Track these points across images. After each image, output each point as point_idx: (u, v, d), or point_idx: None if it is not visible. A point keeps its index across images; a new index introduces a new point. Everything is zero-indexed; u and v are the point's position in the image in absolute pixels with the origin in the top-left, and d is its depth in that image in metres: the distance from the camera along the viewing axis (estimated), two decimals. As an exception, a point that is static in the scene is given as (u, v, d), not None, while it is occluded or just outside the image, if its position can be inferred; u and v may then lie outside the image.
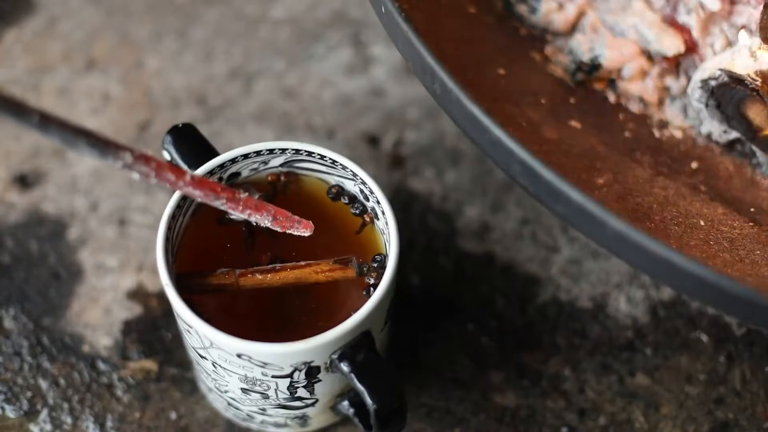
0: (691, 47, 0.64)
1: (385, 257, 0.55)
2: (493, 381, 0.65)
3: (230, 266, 0.54)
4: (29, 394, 0.63)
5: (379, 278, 0.54)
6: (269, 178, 0.57)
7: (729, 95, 0.61)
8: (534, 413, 0.64)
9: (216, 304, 0.54)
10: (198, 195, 0.49)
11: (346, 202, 0.57)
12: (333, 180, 0.58)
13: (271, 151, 0.57)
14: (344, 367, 0.52)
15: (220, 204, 0.50)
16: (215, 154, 0.57)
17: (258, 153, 0.57)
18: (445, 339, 0.66)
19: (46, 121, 0.41)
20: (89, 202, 0.70)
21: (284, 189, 0.58)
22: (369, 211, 0.57)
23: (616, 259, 0.69)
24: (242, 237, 0.56)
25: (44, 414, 0.63)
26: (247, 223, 0.55)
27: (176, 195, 0.54)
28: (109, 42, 0.78)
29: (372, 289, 0.54)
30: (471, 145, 0.73)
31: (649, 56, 0.64)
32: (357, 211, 0.57)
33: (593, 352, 0.66)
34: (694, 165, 0.62)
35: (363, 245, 0.56)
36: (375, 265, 0.55)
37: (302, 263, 0.54)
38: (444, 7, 0.62)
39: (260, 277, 0.54)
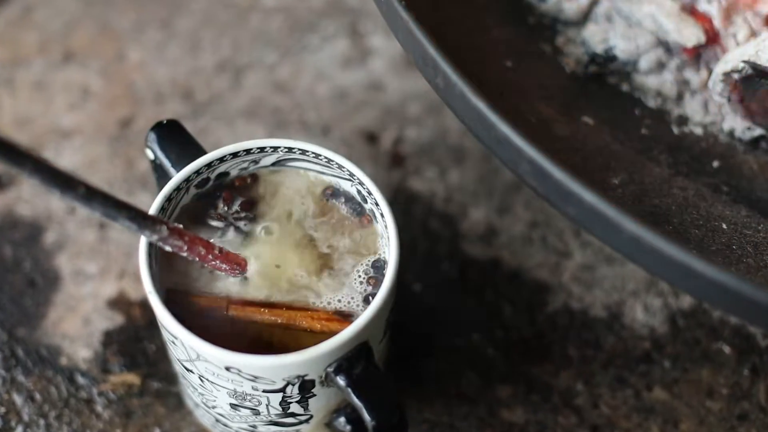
0: (713, 38, 0.64)
1: (384, 263, 0.55)
2: (500, 395, 0.65)
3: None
4: (3, 409, 0.63)
5: (377, 285, 0.54)
6: (236, 183, 0.57)
7: (753, 89, 0.61)
8: (544, 430, 0.64)
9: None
10: (225, 268, 0.54)
11: (342, 203, 0.57)
12: (329, 180, 0.58)
13: (261, 149, 0.57)
14: (341, 380, 0.52)
15: (243, 276, 0.55)
16: (202, 152, 0.57)
17: (248, 151, 0.56)
18: (448, 350, 0.66)
19: (91, 195, 0.45)
20: (67, 204, 0.70)
21: (276, 189, 0.58)
22: (367, 213, 0.57)
23: (631, 265, 0.68)
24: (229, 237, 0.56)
25: (19, 431, 0.63)
26: (233, 223, 0.56)
27: (160, 197, 0.54)
28: (88, 32, 0.78)
29: (370, 297, 0.54)
30: (476, 143, 0.73)
31: (667, 47, 0.64)
32: (354, 214, 0.57)
33: (607, 364, 0.66)
34: (715, 164, 0.62)
35: (360, 250, 0.56)
36: (373, 270, 0.55)
37: (299, 306, 0.54)
38: (447, -6, 0.62)
39: (251, 309, 0.54)
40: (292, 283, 0.54)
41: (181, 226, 0.52)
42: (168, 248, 0.51)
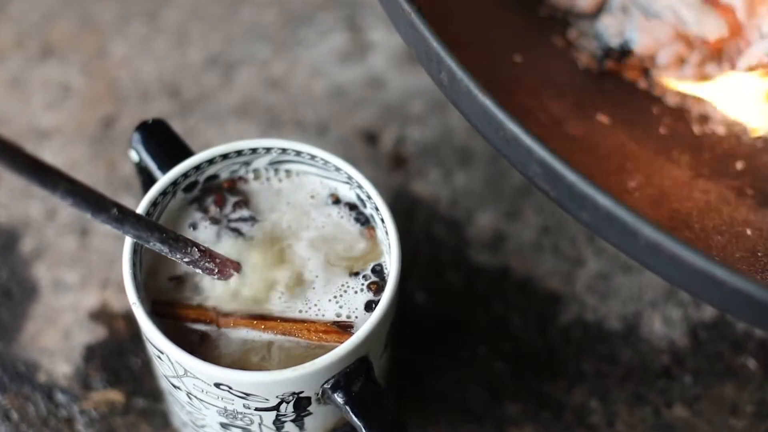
0: (736, 30, 0.64)
1: (384, 269, 0.55)
2: (509, 413, 0.64)
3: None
4: (-23, 429, 0.63)
5: (379, 291, 0.54)
6: (226, 185, 0.57)
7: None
8: (556, 450, 0.64)
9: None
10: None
11: (346, 210, 0.57)
12: (325, 184, 0.57)
13: (254, 150, 0.57)
14: (338, 398, 0.52)
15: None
16: (190, 154, 0.57)
17: (239, 153, 0.56)
18: (453, 365, 0.66)
19: (123, 216, 0.47)
20: (46, 208, 0.70)
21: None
22: (371, 224, 0.56)
23: (649, 274, 0.68)
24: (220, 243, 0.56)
25: (-6, 452, 0.63)
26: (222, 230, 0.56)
27: (144, 202, 0.54)
28: (68, 26, 0.78)
29: (373, 304, 0.54)
30: (483, 143, 0.73)
31: (687, 41, 0.64)
32: (356, 221, 0.57)
33: (624, 380, 0.66)
34: (739, 165, 0.62)
35: (360, 256, 0.56)
36: (374, 275, 0.55)
37: (294, 317, 0.54)
38: (452, -16, 0.62)
39: (243, 321, 0.54)
40: (286, 291, 0.54)
41: (212, 249, 0.53)
42: (199, 271, 0.53)
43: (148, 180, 0.58)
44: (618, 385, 0.65)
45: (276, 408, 0.53)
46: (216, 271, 0.53)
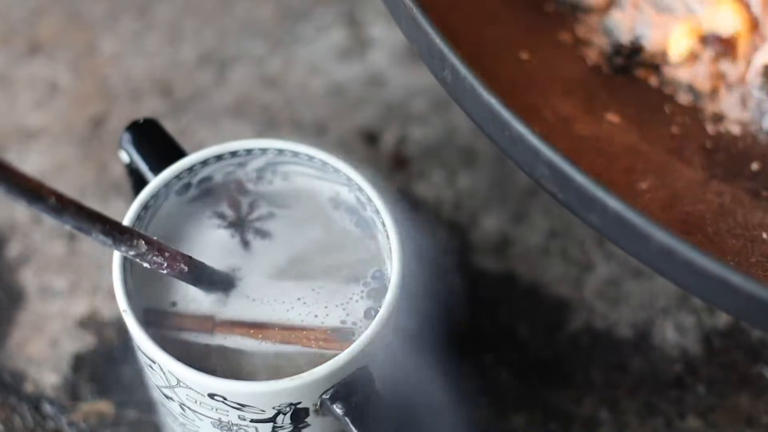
0: (751, 26, 0.64)
1: (385, 274, 0.55)
2: (515, 424, 0.64)
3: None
4: (-39, 442, 0.63)
5: (379, 298, 0.54)
6: (233, 187, 0.57)
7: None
8: (564, 463, 0.64)
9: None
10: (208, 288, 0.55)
11: (347, 214, 0.57)
12: (324, 186, 0.57)
13: (249, 151, 0.57)
14: (338, 409, 0.52)
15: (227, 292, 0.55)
16: (183, 154, 0.57)
17: (234, 154, 0.56)
18: (457, 374, 0.66)
19: (62, 206, 0.45)
20: (33, 212, 0.70)
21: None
22: (374, 230, 0.56)
23: (661, 280, 0.68)
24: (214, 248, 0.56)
25: (-21, 466, 0.63)
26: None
27: (135, 205, 0.54)
28: (56, 21, 0.78)
29: (372, 311, 0.54)
30: (488, 144, 0.72)
31: (700, 37, 0.64)
32: (359, 227, 0.57)
33: (635, 389, 0.66)
34: (754, 166, 0.62)
35: (361, 261, 0.56)
36: (374, 282, 0.55)
37: (293, 325, 0.54)
38: (456, -22, 0.62)
39: (239, 330, 0.54)
40: (283, 299, 0.54)
41: (161, 242, 0.52)
42: (146, 265, 0.51)
43: (139, 182, 0.58)
44: (629, 395, 0.65)
45: (272, 420, 0.53)
46: (165, 265, 0.51)
